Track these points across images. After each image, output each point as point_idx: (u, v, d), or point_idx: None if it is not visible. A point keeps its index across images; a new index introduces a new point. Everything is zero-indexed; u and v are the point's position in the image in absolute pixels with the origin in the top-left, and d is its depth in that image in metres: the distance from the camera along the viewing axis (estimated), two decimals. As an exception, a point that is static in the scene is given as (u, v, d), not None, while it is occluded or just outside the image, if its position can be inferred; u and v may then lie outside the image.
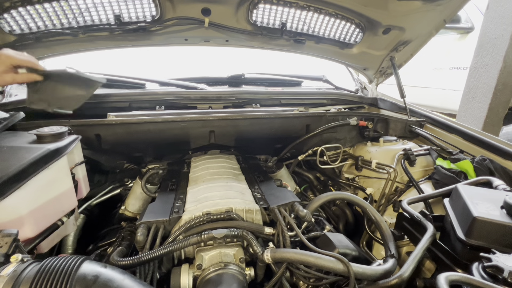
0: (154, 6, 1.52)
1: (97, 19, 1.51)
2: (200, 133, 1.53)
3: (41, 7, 1.38)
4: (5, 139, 1.02)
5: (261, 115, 1.58)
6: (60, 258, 0.63)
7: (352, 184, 1.57)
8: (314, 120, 1.67)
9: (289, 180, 1.70)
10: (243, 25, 1.69)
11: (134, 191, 1.44)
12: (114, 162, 1.62)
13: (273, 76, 2.27)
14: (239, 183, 1.25)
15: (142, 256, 0.85)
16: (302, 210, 1.04)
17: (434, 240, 0.87)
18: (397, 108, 1.93)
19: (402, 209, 1.02)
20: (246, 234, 0.95)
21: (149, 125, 1.42)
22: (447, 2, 1.53)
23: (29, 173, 0.86)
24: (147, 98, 1.73)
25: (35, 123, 1.25)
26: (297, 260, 0.84)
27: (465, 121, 3.30)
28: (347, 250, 0.93)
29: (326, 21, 1.74)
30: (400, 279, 0.77)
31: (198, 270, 0.91)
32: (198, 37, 1.76)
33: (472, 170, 1.18)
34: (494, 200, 0.82)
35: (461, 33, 4.01)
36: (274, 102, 1.97)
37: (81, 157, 1.20)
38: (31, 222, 0.87)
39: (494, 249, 0.72)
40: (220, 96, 1.82)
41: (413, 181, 1.29)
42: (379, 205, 1.36)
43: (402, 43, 1.83)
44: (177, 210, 1.05)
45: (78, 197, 1.13)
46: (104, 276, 0.61)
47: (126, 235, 1.13)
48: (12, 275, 0.58)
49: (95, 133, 1.36)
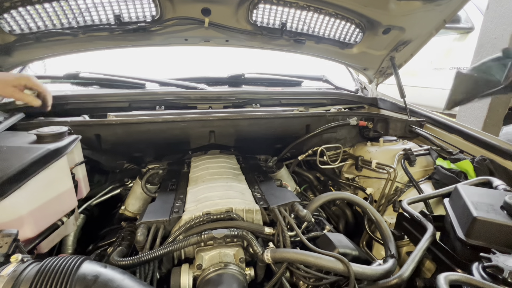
0: (154, 6, 1.52)
1: (97, 19, 1.51)
2: (200, 133, 1.53)
3: (41, 7, 1.38)
4: (5, 139, 1.02)
5: (261, 115, 1.58)
6: (60, 258, 0.63)
7: (352, 184, 1.57)
8: (314, 120, 1.67)
9: (289, 180, 1.70)
10: (243, 25, 1.69)
11: (134, 191, 1.44)
12: (114, 162, 1.62)
13: (273, 76, 2.27)
14: (239, 183, 1.25)
15: (142, 256, 0.85)
16: (302, 210, 1.04)
17: (434, 240, 0.87)
18: (397, 108, 1.93)
19: (402, 209, 1.02)
20: (246, 234, 0.95)
21: (149, 125, 1.42)
22: (447, 2, 1.53)
23: (29, 173, 0.86)
24: (147, 98, 1.73)
25: (35, 123, 1.25)
26: (297, 260, 0.84)
27: (465, 121, 3.30)
28: (347, 250, 0.93)
29: (326, 21, 1.74)
30: (400, 279, 0.77)
31: (198, 270, 0.91)
32: (198, 37, 1.76)
33: (472, 170, 1.18)
34: (494, 200, 0.82)
35: (461, 33, 4.00)
36: (274, 102, 1.97)
37: (81, 157, 1.20)
38: (31, 222, 0.87)
39: (494, 249, 0.72)
40: (220, 96, 1.82)
41: (413, 181, 1.29)
42: (379, 205, 1.36)
43: (402, 43, 1.83)
44: (177, 210, 1.05)
45: (78, 197, 1.13)
46: (104, 276, 0.61)
47: (126, 235, 1.13)
48: (12, 275, 0.58)
49: (95, 133, 1.36)
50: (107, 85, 1.86)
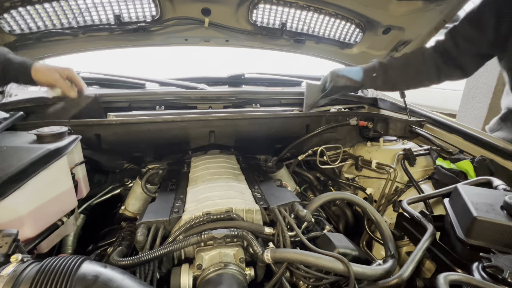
0: (154, 6, 1.52)
1: (97, 19, 1.51)
2: (200, 133, 1.53)
3: (41, 7, 1.38)
4: (5, 139, 1.02)
5: (261, 115, 1.58)
6: (60, 258, 0.63)
7: (352, 184, 1.57)
8: (314, 120, 1.67)
9: (289, 180, 1.70)
10: (243, 25, 1.69)
11: (134, 191, 1.44)
12: (114, 162, 1.62)
13: (273, 76, 2.27)
14: (239, 183, 1.25)
15: (142, 256, 0.85)
16: (302, 210, 1.04)
17: (434, 240, 0.87)
18: (397, 108, 1.93)
19: (402, 209, 1.02)
20: (246, 234, 0.95)
21: (149, 125, 1.42)
22: (447, 2, 1.53)
23: (29, 173, 0.86)
24: (147, 98, 1.73)
25: (35, 123, 1.25)
26: (297, 260, 0.84)
27: (465, 121, 3.30)
28: (347, 250, 0.93)
29: (326, 21, 1.74)
30: (400, 279, 0.77)
31: (198, 270, 0.91)
32: (198, 37, 1.76)
33: (472, 170, 1.18)
34: (494, 200, 0.82)
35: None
36: (274, 102, 1.97)
37: (81, 157, 1.20)
38: (31, 222, 0.87)
39: (494, 249, 0.72)
40: (220, 96, 1.82)
41: (413, 181, 1.29)
42: (379, 205, 1.36)
43: (402, 43, 1.83)
44: (177, 210, 1.05)
45: (78, 197, 1.13)
46: (104, 276, 0.61)
47: (126, 235, 1.13)
48: (12, 275, 0.58)
49: (95, 133, 1.36)
50: (107, 85, 1.86)
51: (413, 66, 1.54)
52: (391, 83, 1.58)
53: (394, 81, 1.57)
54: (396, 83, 1.59)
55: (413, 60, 1.55)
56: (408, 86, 1.63)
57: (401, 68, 1.55)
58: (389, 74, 1.54)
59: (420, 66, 1.53)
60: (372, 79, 1.56)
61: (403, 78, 1.57)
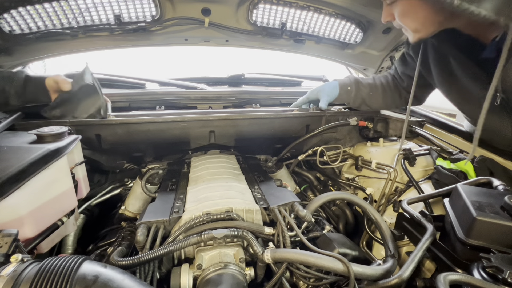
0: (154, 6, 1.52)
1: (97, 19, 1.51)
2: (200, 133, 1.53)
3: (41, 7, 1.38)
4: (5, 139, 1.02)
5: (261, 115, 1.58)
6: (60, 258, 0.63)
7: (352, 184, 1.57)
8: (314, 120, 1.67)
9: (289, 180, 1.70)
10: (243, 25, 1.69)
11: (134, 191, 1.44)
12: (114, 162, 1.62)
13: (273, 76, 2.27)
14: (239, 183, 1.25)
15: (142, 256, 0.85)
16: (302, 210, 1.04)
17: (434, 240, 0.87)
18: (397, 108, 1.93)
19: (402, 209, 1.01)
20: (246, 234, 0.95)
21: (149, 125, 1.42)
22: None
23: (29, 173, 0.86)
24: (147, 98, 1.73)
25: (35, 123, 1.25)
26: (297, 260, 0.84)
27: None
28: (347, 250, 0.93)
29: (326, 21, 1.74)
30: (400, 279, 0.77)
31: (198, 270, 0.91)
32: (198, 37, 1.76)
33: (472, 170, 1.18)
34: (494, 200, 0.82)
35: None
36: (274, 102, 1.97)
37: (81, 157, 1.20)
38: (31, 222, 0.87)
39: (494, 249, 0.72)
40: (220, 96, 1.82)
41: (413, 181, 1.29)
42: (379, 205, 1.36)
43: (402, 43, 1.83)
44: (177, 210, 1.05)
45: (78, 197, 1.13)
46: (104, 276, 0.61)
47: (126, 235, 1.13)
48: (12, 275, 0.58)
49: (95, 133, 1.36)
50: (107, 85, 1.86)
51: (380, 88, 1.66)
52: (361, 98, 1.68)
53: (363, 98, 1.67)
54: (366, 100, 1.68)
55: (379, 83, 1.67)
56: (377, 105, 1.72)
57: (370, 87, 1.67)
58: (360, 90, 1.66)
59: (386, 89, 1.66)
60: (347, 92, 1.66)
61: (373, 96, 1.67)
